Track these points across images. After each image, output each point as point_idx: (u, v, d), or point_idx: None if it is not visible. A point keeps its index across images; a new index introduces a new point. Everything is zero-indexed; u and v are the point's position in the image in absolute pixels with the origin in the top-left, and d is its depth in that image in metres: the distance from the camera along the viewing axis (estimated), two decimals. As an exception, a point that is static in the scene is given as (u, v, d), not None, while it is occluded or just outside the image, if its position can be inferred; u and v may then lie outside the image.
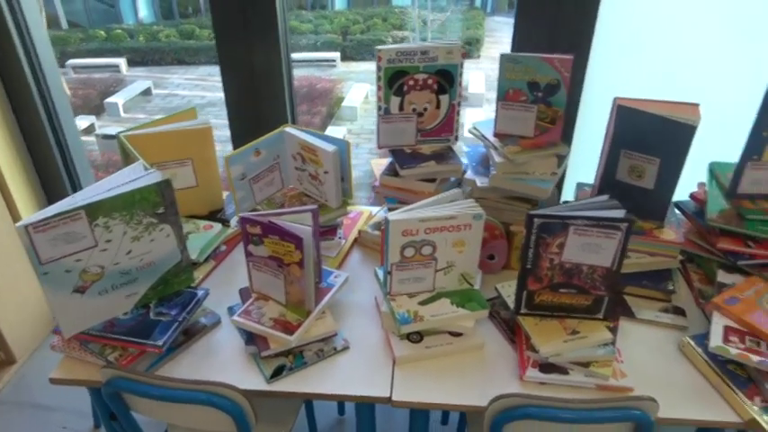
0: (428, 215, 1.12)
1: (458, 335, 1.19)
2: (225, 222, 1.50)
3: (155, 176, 1.13)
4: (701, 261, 1.39)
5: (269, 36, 1.58)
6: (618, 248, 1.07)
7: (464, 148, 1.52)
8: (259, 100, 1.68)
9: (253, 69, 1.63)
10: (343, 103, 7.61)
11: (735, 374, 1.09)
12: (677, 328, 1.24)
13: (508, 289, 1.24)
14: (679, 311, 1.28)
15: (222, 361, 1.16)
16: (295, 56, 9.49)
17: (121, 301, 1.17)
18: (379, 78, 1.32)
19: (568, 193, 1.69)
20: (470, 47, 9.36)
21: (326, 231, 1.46)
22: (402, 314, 1.16)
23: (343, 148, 1.36)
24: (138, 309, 1.19)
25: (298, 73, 9.04)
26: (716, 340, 1.11)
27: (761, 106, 1.20)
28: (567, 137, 1.60)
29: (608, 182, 1.38)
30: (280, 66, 1.64)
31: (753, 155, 1.26)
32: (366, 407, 1.22)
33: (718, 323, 1.15)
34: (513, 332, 1.21)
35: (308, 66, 9.34)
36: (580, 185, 1.54)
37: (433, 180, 1.39)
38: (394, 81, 1.33)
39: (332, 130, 6.88)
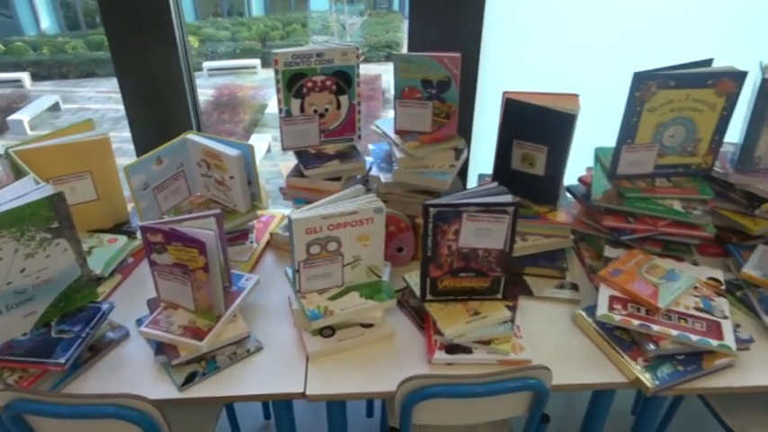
0: (330, 212, 1.15)
1: (369, 326, 1.22)
2: (131, 235, 1.47)
3: (46, 190, 1.10)
4: (591, 239, 1.50)
5: (166, 42, 1.56)
6: (508, 231, 1.15)
7: (369, 146, 1.57)
8: (161, 109, 1.66)
9: (151, 77, 1.60)
10: (267, 110, 7.53)
11: (620, 339, 1.19)
12: (572, 302, 1.34)
13: (415, 278, 1.30)
14: (573, 287, 1.38)
15: (132, 374, 1.14)
16: (214, 64, 9.31)
17: (19, 322, 1.13)
18: (277, 81, 1.34)
19: (472, 184, 1.78)
20: (390, 50, 9.51)
21: (238, 236, 1.47)
22: (312, 310, 1.18)
23: (247, 152, 1.37)
24: (39, 328, 1.15)
25: (218, 81, 8.86)
26: (602, 309, 1.21)
27: (629, 95, 1.31)
28: (465, 131, 1.68)
29: (504, 171, 1.46)
30: (180, 72, 1.62)
31: (627, 139, 1.38)
32: (283, 405, 1.24)
33: (605, 294, 1.25)
34: (422, 319, 1.26)
35: (228, 74, 9.17)
36: (482, 176, 1.63)
37: (338, 179, 1.42)
38: (293, 84, 1.36)
39: (256, 138, 6.78)
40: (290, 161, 1.51)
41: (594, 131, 1.50)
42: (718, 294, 1.26)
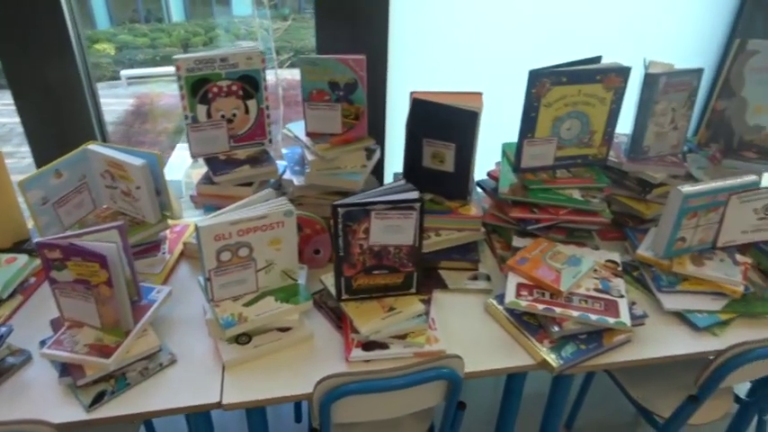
0: (238, 217, 1.14)
1: (286, 330, 1.22)
2: (32, 253, 1.39)
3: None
4: (501, 231, 1.56)
5: (62, 52, 1.49)
6: (416, 226, 1.18)
7: (283, 150, 1.57)
8: (61, 122, 1.58)
9: (48, 89, 1.53)
10: (191, 118, 7.30)
11: (528, 324, 1.25)
12: (485, 292, 1.39)
13: (331, 279, 1.30)
14: (486, 278, 1.43)
15: (36, 398, 1.09)
16: (132, 72, 8.92)
17: None
18: (181, 88, 1.32)
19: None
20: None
21: (149, 248, 1.42)
22: (226, 318, 1.17)
23: (153, 161, 1.33)
24: (-74, 359, 1.08)
25: (138, 90, 8.51)
26: (510, 296, 1.27)
27: (526, 92, 1.38)
28: (377, 131, 1.71)
29: (415, 169, 1.50)
30: (80, 83, 1.55)
31: (527, 133, 1.45)
32: (201, 418, 1.22)
33: (512, 282, 1.31)
34: (339, 319, 1.27)
35: (148, 82, 8.84)
36: (396, 175, 1.66)
37: (250, 184, 1.41)
38: (197, 89, 1.34)
39: (182, 146, 6.58)
40: (203, 168, 1.49)
41: (504, 127, 1.57)
42: (615, 275, 1.34)
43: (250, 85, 1.38)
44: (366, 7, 1.55)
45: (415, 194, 1.19)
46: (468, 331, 1.27)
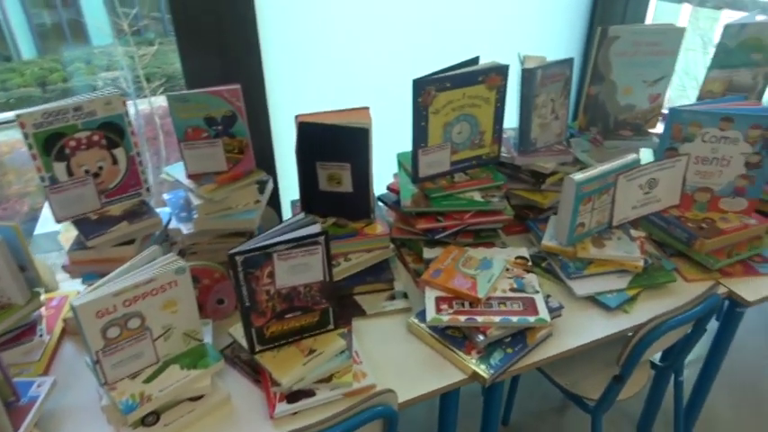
0: (121, 287, 1.01)
1: (199, 398, 1.10)
2: None
3: None
4: (410, 244, 1.53)
5: None
6: (323, 261, 1.11)
7: (164, 196, 1.43)
8: None
9: None
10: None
11: (453, 337, 1.23)
12: (404, 311, 1.35)
13: (241, 330, 1.20)
14: (403, 295, 1.39)
15: None
16: (-17, 120, 8.01)
17: None
18: (30, 146, 1.15)
19: (287, 211, 1.72)
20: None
21: (21, 333, 1.23)
22: (125, 401, 1.02)
23: (10, 234, 1.15)
24: None
25: (-2, 138, 7.66)
26: (431, 313, 1.23)
27: (412, 101, 1.36)
28: (266, 161, 1.62)
29: (312, 195, 1.43)
30: None
31: (420, 143, 1.42)
32: None
33: (430, 296, 1.28)
34: (257, 372, 1.17)
35: (4, 128, 7.98)
36: (294, 203, 1.58)
37: (132, 242, 1.26)
38: (51, 145, 1.17)
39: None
40: (73, 232, 1.31)
41: (396, 136, 1.54)
42: (527, 271, 1.35)
43: (114, 132, 1.23)
44: (233, 33, 1.45)
45: (317, 228, 1.12)
46: (394, 357, 1.22)
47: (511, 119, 1.56)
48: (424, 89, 1.35)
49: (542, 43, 1.87)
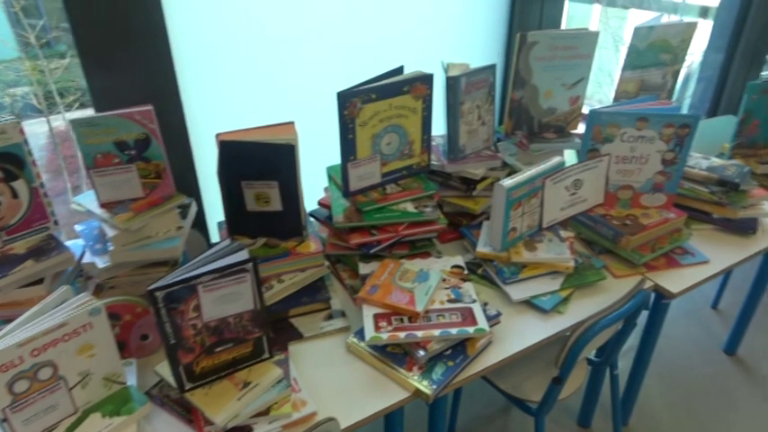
0: (28, 336, 0.91)
1: (125, 446, 1.02)
2: None
3: None
4: (346, 259, 1.49)
5: None
6: (253, 288, 1.05)
7: (76, 227, 1.32)
8: None
9: None
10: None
11: (394, 354, 1.20)
12: (342, 330, 1.31)
13: (169, 367, 1.12)
14: (341, 314, 1.35)
15: None
16: None
17: None
18: None
19: (215, 234, 1.65)
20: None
21: None
22: (39, 461, 0.93)
23: None
24: None
25: None
26: (369, 331, 1.20)
27: (339, 114, 1.32)
28: (189, 184, 1.54)
29: (239, 216, 1.36)
30: None
31: (349, 156, 1.39)
32: None
33: (369, 314, 1.25)
34: (189, 412, 1.10)
35: None
36: (221, 225, 1.50)
37: (41, 281, 1.16)
38: (-63, 183, 1.05)
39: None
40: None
41: (324, 150, 1.50)
42: (463, 280, 1.35)
43: (12, 164, 1.12)
44: (142, 47, 1.36)
45: (244, 254, 1.06)
46: (335, 380, 1.18)
47: (439, 126, 1.56)
48: (350, 101, 1.31)
49: (464, 50, 1.88)
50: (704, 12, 2.74)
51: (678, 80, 1.91)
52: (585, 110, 1.76)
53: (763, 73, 2.63)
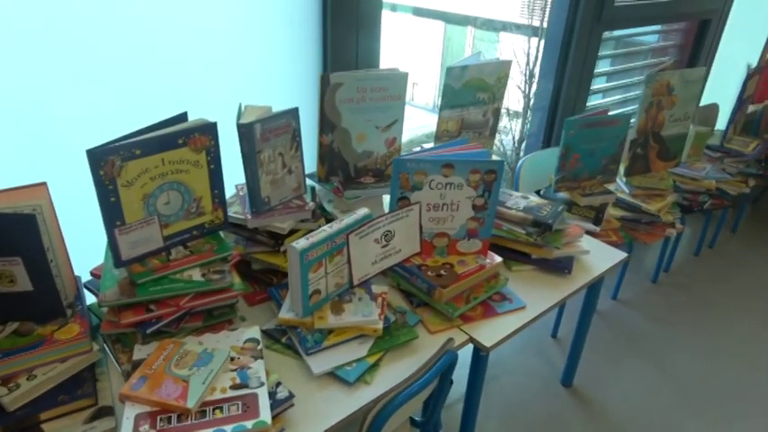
0: None
1: None
2: None
3: None
4: (125, 339, 1.27)
5: None
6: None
7: None
8: None
9: None
10: None
11: (160, 462, 1.01)
12: (109, 432, 1.09)
13: None
14: (109, 412, 1.13)
15: None
16: None
17: None
18: None
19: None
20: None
21: None
22: None
23: None
24: None
25: None
26: (127, 439, 1.00)
27: (92, 175, 1.11)
28: None
29: (-28, 303, 1.11)
30: None
31: (115, 221, 1.18)
32: None
33: (130, 415, 1.04)
34: None
35: None
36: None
37: None
38: None
39: None
40: None
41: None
42: (256, 357, 1.19)
43: None
44: None
45: None
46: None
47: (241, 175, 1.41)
48: (105, 160, 1.11)
49: (275, 91, 1.73)
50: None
51: (499, 118, 1.91)
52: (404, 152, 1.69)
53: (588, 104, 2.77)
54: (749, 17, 3.27)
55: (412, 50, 11.11)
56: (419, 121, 7.01)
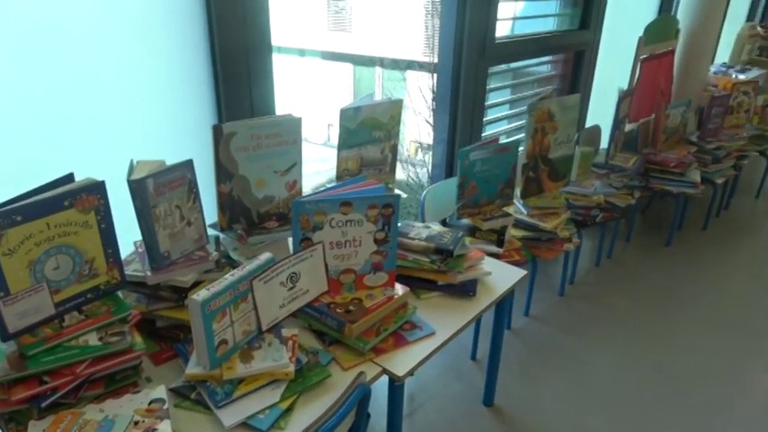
0: None
1: None
2: None
3: None
4: (20, 417, 1.19)
5: None
6: None
7: None
8: None
9: None
10: None
11: None
12: None
13: None
14: (1, 497, 1.05)
15: None
16: None
17: None
18: None
19: None
20: None
21: None
22: None
23: None
24: None
25: None
26: None
27: None
28: None
29: None
30: None
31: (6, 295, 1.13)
32: None
33: (23, 499, 0.98)
34: None
35: None
36: None
37: None
38: None
39: None
40: None
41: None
42: (161, 418, 1.15)
43: None
44: None
45: None
46: None
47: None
48: (-19, 230, 1.07)
49: (169, 146, 1.72)
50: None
51: (397, 154, 1.99)
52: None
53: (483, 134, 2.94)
54: (617, 46, 3.64)
55: (323, 93, 11.33)
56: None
